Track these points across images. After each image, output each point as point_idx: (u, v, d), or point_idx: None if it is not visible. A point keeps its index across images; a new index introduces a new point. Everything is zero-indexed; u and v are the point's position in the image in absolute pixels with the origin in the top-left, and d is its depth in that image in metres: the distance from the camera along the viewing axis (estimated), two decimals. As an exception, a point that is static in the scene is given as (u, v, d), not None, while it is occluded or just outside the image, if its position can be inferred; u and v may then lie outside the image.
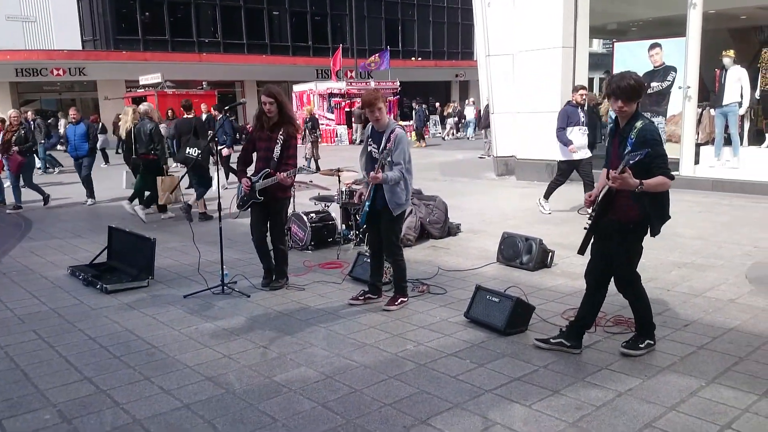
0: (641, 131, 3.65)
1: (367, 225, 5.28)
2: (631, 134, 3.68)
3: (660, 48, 11.10)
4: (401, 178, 4.84)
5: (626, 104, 3.72)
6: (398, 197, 4.88)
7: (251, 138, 5.67)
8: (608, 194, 3.78)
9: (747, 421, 3.10)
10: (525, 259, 6.12)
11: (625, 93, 3.70)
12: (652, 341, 4.02)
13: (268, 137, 5.45)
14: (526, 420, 3.17)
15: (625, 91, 3.70)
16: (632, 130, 3.69)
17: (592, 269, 4.05)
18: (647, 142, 3.60)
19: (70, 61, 28.94)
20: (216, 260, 5.88)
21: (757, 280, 5.53)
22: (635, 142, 3.63)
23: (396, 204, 4.89)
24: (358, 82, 29.37)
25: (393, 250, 5.08)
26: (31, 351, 4.28)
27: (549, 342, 4.07)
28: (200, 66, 31.07)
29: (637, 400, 3.35)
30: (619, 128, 3.84)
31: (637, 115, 3.77)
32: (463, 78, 42.06)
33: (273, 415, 3.28)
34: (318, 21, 37.43)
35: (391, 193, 4.86)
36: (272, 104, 5.36)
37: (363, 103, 4.95)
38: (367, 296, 5.21)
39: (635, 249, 3.92)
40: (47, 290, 5.81)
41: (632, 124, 3.72)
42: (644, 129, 3.66)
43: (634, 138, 3.65)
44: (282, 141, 5.39)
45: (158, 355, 4.17)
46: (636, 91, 3.71)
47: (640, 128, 3.66)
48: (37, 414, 3.36)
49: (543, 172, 12.37)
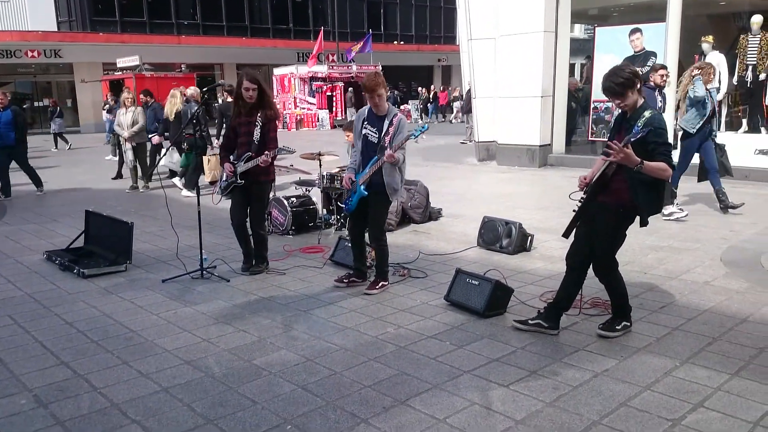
0: (649, 119, 3.69)
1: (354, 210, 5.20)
2: (638, 122, 3.71)
3: (640, 33, 11.16)
4: (403, 161, 4.92)
5: (623, 99, 3.77)
6: (395, 182, 4.91)
7: (231, 124, 5.58)
8: (603, 177, 3.83)
9: (719, 399, 3.17)
10: (505, 242, 6.16)
11: (613, 91, 3.76)
12: (629, 323, 4.08)
13: (246, 122, 5.39)
14: (504, 400, 3.21)
15: (613, 90, 3.76)
16: (640, 118, 3.72)
17: (574, 252, 4.08)
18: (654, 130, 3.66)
19: (45, 42, 28.29)
20: (195, 245, 5.84)
21: (732, 263, 5.62)
22: (641, 128, 3.67)
23: (393, 188, 4.90)
24: (340, 66, 29.15)
25: (378, 235, 5.07)
26: (6, 336, 4.22)
27: (527, 323, 4.12)
28: (179, 48, 30.58)
29: (613, 380, 3.41)
30: (626, 117, 3.87)
31: (645, 105, 3.82)
32: (445, 63, 41.91)
33: (253, 398, 3.28)
34: (299, 3, 36.98)
35: (390, 177, 4.88)
36: (254, 90, 5.27)
37: (364, 87, 4.84)
38: (352, 279, 5.22)
39: (619, 233, 3.97)
40: (23, 275, 5.72)
41: (640, 113, 3.75)
42: (652, 117, 3.71)
43: (641, 125, 3.68)
44: (261, 124, 5.34)
45: (136, 339, 4.14)
46: (624, 85, 3.74)
47: (648, 117, 3.70)
48: (13, 399, 3.32)
49: (524, 157, 12.44)
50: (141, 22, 31.41)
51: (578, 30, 16.15)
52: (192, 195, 9.03)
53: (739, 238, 6.49)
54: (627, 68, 3.82)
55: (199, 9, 33.16)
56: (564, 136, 12.79)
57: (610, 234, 3.94)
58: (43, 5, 29.70)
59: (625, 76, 3.74)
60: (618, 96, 3.79)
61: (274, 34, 35.45)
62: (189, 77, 23.86)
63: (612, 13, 14.91)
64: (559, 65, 12.27)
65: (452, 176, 11.91)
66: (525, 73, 12.07)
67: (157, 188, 9.58)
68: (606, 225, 3.91)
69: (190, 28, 32.81)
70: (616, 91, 3.77)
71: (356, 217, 5.18)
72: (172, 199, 8.93)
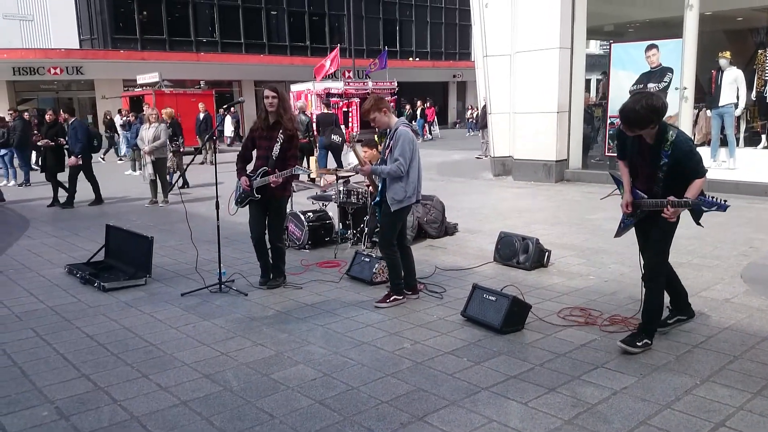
0: (677, 145, 3.68)
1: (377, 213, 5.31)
2: (664, 146, 3.71)
3: (657, 49, 11.13)
4: (396, 172, 4.86)
5: (643, 130, 3.73)
6: (395, 192, 4.92)
7: (251, 136, 5.69)
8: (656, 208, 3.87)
9: (741, 419, 3.12)
10: (522, 258, 6.14)
11: (634, 123, 3.69)
12: (650, 342, 4.05)
13: (268, 136, 5.50)
14: (522, 417, 3.19)
15: (633, 122, 3.69)
16: (664, 142, 3.71)
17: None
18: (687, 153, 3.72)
19: (68, 59, 28.85)
20: (213, 258, 5.89)
21: (752, 280, 5.56)
22: (672, 154, 3.70)
23: (393, 199, 4.93)
24: (356, 82, 29.36)
25: (384, 245, 5.11)
26: (28, 349, 4.29)
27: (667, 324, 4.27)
28: (198, 65, 31.01)
29: (633, 398, 3.38)
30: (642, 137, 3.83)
31: (665, 127, 3.75)
32: (460, 78, 42.06)
33: (270, 412, 3.29)
34: (316, 21, 37.40)
35: (389, 188, 4.94)
36: (274, 98, 5.44)
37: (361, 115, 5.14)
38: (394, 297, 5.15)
39: (671, 236, 4.00)
40: (45, 288, 5.81)
41: (663, 137, 3.73)
42: (678, 141, 3.69)
43: (669, 150, 3.70)
44: (282, 140, 5.44)
45: (156, 352, 4.18)
46: (645, 120, 3.66)
47: (674, 141, 3.68)
48: (34, 411, 3.37)
49: (540, 173, 12.41)
50: (161, 40, 31.93)
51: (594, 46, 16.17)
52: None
53: (759, 255, 6.41)
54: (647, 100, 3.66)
55: (218, 27, 33.66)
56: (580, 151, 12.77)
57: (670, 236, 3.98)
58: (65, 24, 30.33)
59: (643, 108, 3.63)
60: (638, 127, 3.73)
61: (291, 52, 35.85)
62: (208, 94, 24.12)
63: (628, 29, 14.92)
64: (575, 81, 12.28)
65: (468, 191, 11.91)
66: (541, 89, 12.09)
67: (177, 203, 9.69)
68: (663, 239, 3.98)
69: (209, 45, 33.29)
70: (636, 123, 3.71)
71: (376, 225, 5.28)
72: (192, 213, 9.02)
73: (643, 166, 3.93)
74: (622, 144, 4.07)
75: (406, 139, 4.89)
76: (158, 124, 10.71)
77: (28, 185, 14.14)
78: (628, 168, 4.08)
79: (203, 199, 10.76)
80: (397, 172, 4.86)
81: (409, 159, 4.88)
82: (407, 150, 4.87)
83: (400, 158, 4.84)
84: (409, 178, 4.93)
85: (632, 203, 4.03)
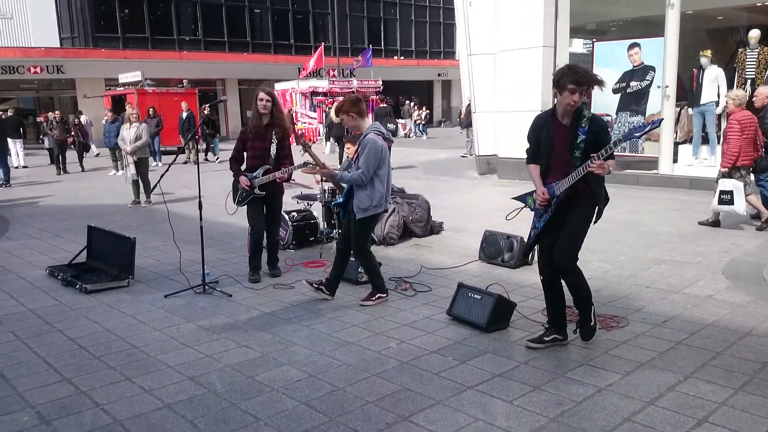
0: (594, 120, 3.80)
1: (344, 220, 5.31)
2: (581, 123, 3.78)
3: (639, 48, 11.23)
4: (357, 181, 4.82)
5: (581, 97, 3.78)
6: (360, 200, 4.87)
7: (242, 138, 5.92)
8: (573, 188, 3.82)
9: (723, 415, 3.16)
10: (506, 256, 6.17)
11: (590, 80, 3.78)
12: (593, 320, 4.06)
13: (261, 137, 5.76)
14: (507, 416, 3.20)
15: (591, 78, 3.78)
16: (582, 119, 3.79)
17: (547, 261, 4.05)
18: (604, 127, 3.88)
19: (48, 58, 28.49)
20: (197, 259, 5.84)
21: (734, 276, 5.62)
22: (589, 130, 3.77)
23: (358, 207, 4.88)
24: (341, 81, 29.30)
25: (358, 252, 5.11)
26: (9, 352, 4.22)
27: (543, 341, 4.09)
28: (181, 64, 30.77)
29: (617, 395, 3.40)
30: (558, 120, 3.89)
31: (582, 106, 3.84)
32: (445, 77, 42.17)
33: (255, 414, 3.27)
34: (300, 19, 37.28)
35: (355, 197, 4.92)
36: (269, 101, 5.69)
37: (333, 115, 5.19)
38: (319, 287, 5.18)
39: (588, 226, 3.96)
40: (25, 291, 5.73)
41: (580, 114, 3.81)
42: (594, 117, 3.84)
43: (586, 126, 3.77)
44: (277, 141, 5.75)
45: (139, 355, 4.13)
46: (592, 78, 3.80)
47: (590, 117, 3.80)
48: (15, 416, 3.31)
49: (524, 171, 12.43)
50: (143, 38, 31.65)
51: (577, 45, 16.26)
52: None
53: (740, 252, 6.49)
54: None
55: (201, 25, 33.43)
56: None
57: (584, 232, 3.94)
58: (45, 22, 29.95)
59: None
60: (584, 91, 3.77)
61: (275, 50, 35.71)
62: (191, 92, 23.93)
63: (611, 28, 15.02)
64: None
65: (453, 190, 11.94)
66: (525, 88, 12.14)
67: (159, 203, 9.59)
68: (582, 224, 3.92)
69: (192, 43, 33.06)
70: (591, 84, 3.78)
71: (345, 231, 5.23)
72: (175, 214, 8.94)
73: (557, 152, 3.88)
74: (536, 141, 4.03)
75: (373, 148, 4.80)
76: (139, 124, 10.62)
77: (8, 186, 13.94)
78: (539, 167, 4.05)
79: (186, 199, 10.67)
80: (357, 181, 4.82)
81: (373, 169, 4.81)
82: (371, 159, 4.79)
83: (363, 167, 4.80)
84: (374, 187, 4.84)
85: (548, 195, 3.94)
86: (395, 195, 7.89)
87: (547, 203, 3.95)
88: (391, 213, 7.22)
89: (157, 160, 17.74)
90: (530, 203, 4.17)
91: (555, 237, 3.97)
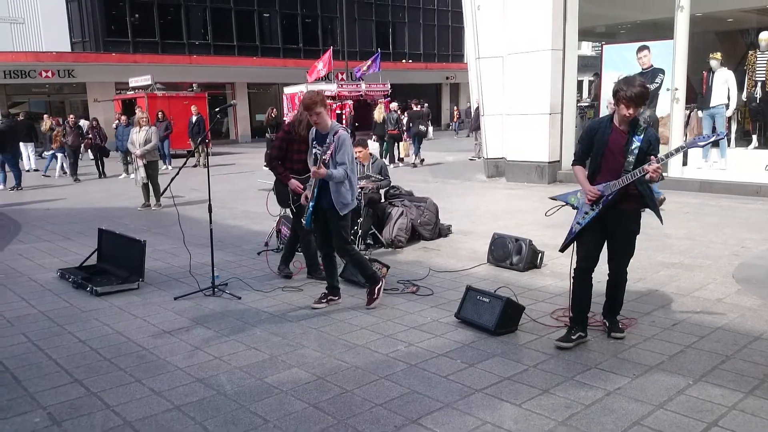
0: (648, 130, 4.00)
1: (314, 227, 5.19)
2: (637, 131, 3.97)
3: (648, 50, 11.19)
4: (345, 177, 4.87)
5: (636, 111, 3.95)
6: (343, 197, 4.92)
7: (287, 138, 5.62)
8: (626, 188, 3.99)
9: (733, 419, 3.14)
10: (515, 259, 6.16)
11: (644, 99, 3.95)
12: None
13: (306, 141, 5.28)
14: (516, 419, 3.20)
15: (644, 98, 3.94)
16: (638, 128, 3.98)
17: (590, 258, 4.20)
18: (657, 138, 4.06)
19: (59, 63, 28.70)
20: (207, 262, 5.87)
21: (744, 279, 5.59)
22: (644, 138, 3.96)
23: (342, 204, 4.93)
24: (349, 84, 29.36)
25: (344, 249, 5.10)
26: (20, 354, 4.26)
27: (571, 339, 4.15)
28: (190, 68, 30.91)
29: (626, 398, 3.39)
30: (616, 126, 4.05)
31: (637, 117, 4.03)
32: (453, 80, 42.15)
33: (264, 416, 3.28)
34: (308, 23, 37.39)
35: (336, 193, 4.91)
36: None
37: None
38: (329, 298, 5.21)
39: (636, 235, 4.19)
40: (37, 293, 5.78)
41: (637, 122, 4.01)
42: (649, 127, 4.03)
43: (642, 135, 3.96)
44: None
45: (149, 357, 4.16)
46: (648, 97, 3.99)
47: (645, 127, 4.01)
48: (26, 417, 3.35)
49: (532, 174, 12.45)
50: (153, 43, 31.83)
51: (586, 47, 16.25)
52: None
53: (750, 255, 6.45)
54: (641, 79, 4.05)
55: (210, 29, 33.59)
56: (573, 152, 12.80)
57: (635, 236, 4.16)
58: (56, 26, 30.18)
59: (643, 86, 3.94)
60: (641, 105, 3.95)
61: (284, 54, 35.81)
62: (200, 96, 24.09)
63: (619, 31, 15.00)
64: (567, 82, 12.32)
65: (461, 193, 11.93)
66: (533, 91, 12.13)
67: (170, 206, 9.66)
68: (633, 229, 4.14)
69: (202, 48, 33.22)
70: (644, 100, 3.94)
71: (322, 236, 5.20)
72: (185, 217, 9.00)
73: (610, 157, 4.04)
74: (588, 143, 4.17)
75: (347, 142, 4.91)
76: (149, 128, 10.69)
77: (20, 189, 14.06)
78: (587, 171, 4.21)
79: (195, 202, 10.74)
80: (344, 176, 4.88)
81: (351, 163, 4.94)
82: (350, 153, 4.91)
83: (346, 162, 4.85)
84: (351, 181, 4.96)
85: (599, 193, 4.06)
86: (404, 198, 7.90)
87: (595, 201, 4.09)
88: (400, 216, 7.23)
89: (167, 163, 17.85)
90: (573, 201, 4.32)
91: (597, 234, 4.16)
